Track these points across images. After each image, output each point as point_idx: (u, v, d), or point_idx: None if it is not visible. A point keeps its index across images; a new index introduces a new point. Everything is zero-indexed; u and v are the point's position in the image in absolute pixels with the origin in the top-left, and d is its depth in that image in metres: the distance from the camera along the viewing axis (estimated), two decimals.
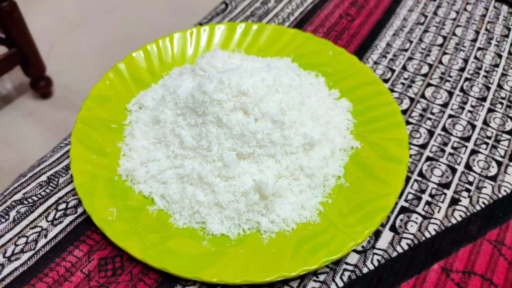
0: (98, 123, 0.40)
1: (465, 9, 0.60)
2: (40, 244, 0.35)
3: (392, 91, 0.48)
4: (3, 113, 1.18)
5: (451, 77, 0.50)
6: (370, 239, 0.36)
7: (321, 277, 0.34)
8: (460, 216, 0.38)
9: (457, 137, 0.44)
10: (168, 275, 0.33)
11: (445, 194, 0.39)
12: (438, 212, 0.38)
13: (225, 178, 0.35)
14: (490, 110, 0.47)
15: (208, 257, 0.33)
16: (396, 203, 0.38)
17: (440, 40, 0.55)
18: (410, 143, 0.43)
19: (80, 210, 0.37)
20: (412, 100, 0.47)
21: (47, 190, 0.38)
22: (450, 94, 0.48)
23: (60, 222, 0.36)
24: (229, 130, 0.35)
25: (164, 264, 0.32)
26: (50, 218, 0.36)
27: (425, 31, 0.56)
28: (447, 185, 0.40)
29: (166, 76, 0.46)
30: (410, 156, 0.42)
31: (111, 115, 0.41)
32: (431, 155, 0.42)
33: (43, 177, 0.39)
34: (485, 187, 0.40)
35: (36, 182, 0.39)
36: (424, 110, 0.46)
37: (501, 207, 0.38)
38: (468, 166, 0.41)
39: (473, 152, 0.43)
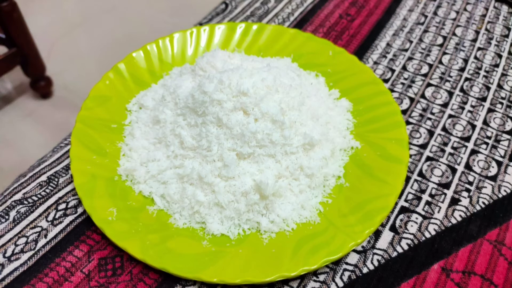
0: (98, 123, 0.40)
1: (465, 9, 0.60)
2: (40, 244, 0.35)
3: (392, 91, 0.48)
4: (3, 113, 1.18)
5: (451, 77, 0.50)
6: (370, 239, 0.36)
7: (321, 277, 0.34)
8: (460, 216, 0.38)
9: (457, 137, 0.44)
10: (168, 275, 0.33)
11: (445, 194, 0.39)
12: (438, 212, 0.38)
13: (225, 178, 0.35)
14: (490, 110, 0.47)
15: (208, 257, 0.33)
16: (396, 203, 0.38)
17: (440, 40, 0.55)
18: (410, 143, 0.43)
19: (80, 210, 0.37)
20: (412, 100, 0.47)
21: (47, 190, 0.38)
22: (450, 94, 0.48)
23: (60, 222, 0.36)
24: (229, 130, 0.35)
25: (164, 264, 0.32)
26: (50, 218, 0.36)
27: (425, 31, 0.56)
28: (447, 185, 0.40)
29: (166, 76, 0.46)
30: (410, 156, 0.42)
31: (111, 115, 0.41)
32: (431, 155, 0.42)
33: (43, 177, 0.39)
34: (485, 187, 0.40)
35: (36, 182, 0.39)
36: (424, 110, 0.46)
37: (501, 207, 0.38)
38: (468, 166, 0.41)
39: (473, 152, 0.43)
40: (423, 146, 0.43)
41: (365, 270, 0.34)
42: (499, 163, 0.42)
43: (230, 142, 0.35)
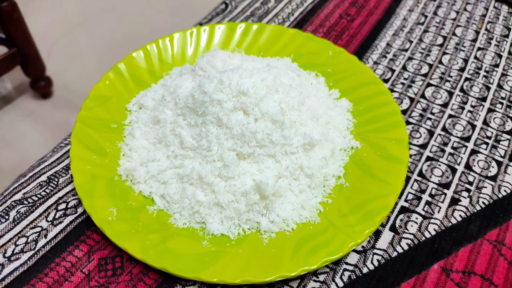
0: (98, 123, 0.40)
1: (465, 9, 0.60)
2: (40, 244, 0.35)
3: (392, 91, 0.48)
4: (3, 113, 1.18)
5: (451, 77, 0.50)
6: (370, 239, 0.36)
7: (321, 277, 0.34)
8: (460, 216, 0.38)
9: (457, 137, 0.44)
10: (168, 275, 0.33)
11: (445, 194, 0.39)
12: (438, 212, 0.38)
13: (225, 178, 0.35)
14: (490, 110, 0.47)
15: (208, 257, 0.33)
16: (396, 203, 0.38)
17: (440, 40, 0.55)
18: (410, 143, 0.43)
19: (80, 210, 0.37)
20: (412, 100, 0.47)
21: (47, 190, 0.38)
22: (450, 94, 0.48)
23: (60, 222, 0.36)
24: (229, 130, 0.35)
25: (164, 264, 0.32)
26: (50, 218, 0.36)
27: (425, 31, 0.56)
28: (447, 185, 0.40)
29: (166, 76, 0.46)
30: (410, 156, 0.42)
31: (111, 115, 0.41)
32: (431, 155, 0.42)
33: (43, 177, 0.39)
34: (485, 187, 0.40)
35: (36, 182, 0.39)
36: (424, 110, 0.46)
37: (501, 207, 0.38)
38: (468, 166, 0.41)
39: (473, 152, 0.43)
40: (423, 146, 0.43)
41: (365, 270, 0.34)
42: (499, 163, 0.42)
43: (230, 142, 0.35)
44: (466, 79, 0.50)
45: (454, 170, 0.41)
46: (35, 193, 0.38)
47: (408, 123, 0.45)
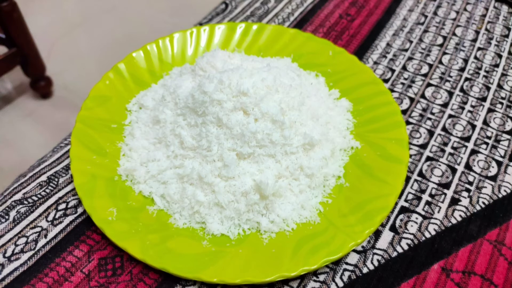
0: (98, 123, 0.40)
1: (465, 9, 0.60)
2: (40, 244, 0.35)
3: (392, 91, 0.48)
4: (3, 113, 1.18)
5: (451, 77, 0.50)
6: (370, 239, 0.36)
7: (321, 277, 0.34)
8: (460, 216, 0.38)
9: (457, 137, 0.44)
10: (168, 275, 0.33)
11: (445, 194, 0.39)
12: (438, 212, 0.38)
13: (225, 178, 0.35)
14: (490, 110, 0.47)
15: (208, 257, 0.33)
16: (396, 203, 0.38)
17: (440, 40, 0.55)
18: (410, 143, 0.43)
19: (80, 210, 0.37)
20: (412, 100, 0.47)
21: (47, 190, 0.38)
22: (450, 94, 0.48)
23: (60, 222, 0.36)
24: (229, 130, 0.35)
25: (164, 264, 0.32)
26: (50, 218, 0.36)
27: (425, 31, 0.56)
28: (447, 185, 0.40)
29: (166, 76, 0.46)
30: (410, 156, 0.42)
31: (111, 115, 0.41)
32: (431, 155, 0.42)
33: (43, 177, 0.39)
34: (485, 187, 0.40)
35: (36, 182, 0.39)
36: (424, 110, 0.46)
37: (501, 207, 0.38)
38: (468, 166, 0.41)
39: (473, 152, 0.43)
40: (423, 146, 0.43)
41: (365, 270, 0.34)
42: (499, 163, 0.42)
43: (230, 142, 0.35)
44: (466, 79, 0.50)
45: (454, 170, 0.41)
46: (35, 193, 0.38)
47: (408, 123, 0.45)
